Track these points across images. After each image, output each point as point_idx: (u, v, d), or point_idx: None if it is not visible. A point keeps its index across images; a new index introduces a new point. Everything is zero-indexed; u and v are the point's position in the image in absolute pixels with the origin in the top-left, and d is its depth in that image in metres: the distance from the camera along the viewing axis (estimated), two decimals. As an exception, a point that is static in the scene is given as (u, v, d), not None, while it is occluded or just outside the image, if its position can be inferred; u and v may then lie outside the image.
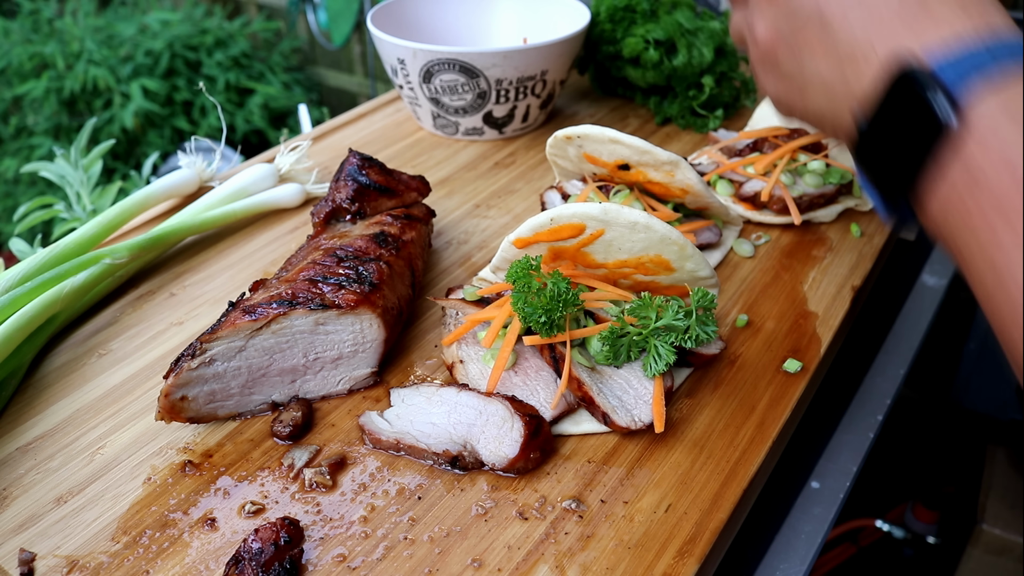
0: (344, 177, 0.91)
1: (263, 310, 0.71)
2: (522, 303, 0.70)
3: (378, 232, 0.84)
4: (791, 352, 0.82)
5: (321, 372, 0.76)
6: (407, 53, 1.15)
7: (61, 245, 0.89)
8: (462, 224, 1.05)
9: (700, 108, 1.27)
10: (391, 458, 0.70)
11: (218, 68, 3.14)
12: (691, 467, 0.69)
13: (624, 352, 0.73)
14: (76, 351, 0.84)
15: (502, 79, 1.16)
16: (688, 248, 0.74)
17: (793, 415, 0.77)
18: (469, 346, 0.78)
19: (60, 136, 3.03)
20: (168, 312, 0.89)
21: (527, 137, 1.27)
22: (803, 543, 0.81)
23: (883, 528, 1.58)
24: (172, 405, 0.70)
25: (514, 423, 0.68)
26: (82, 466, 0.70)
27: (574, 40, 1.20)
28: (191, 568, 0.61)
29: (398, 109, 1.36)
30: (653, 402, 0.71)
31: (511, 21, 1.38)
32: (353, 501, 0.66)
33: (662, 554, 0.62)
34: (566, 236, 0.74)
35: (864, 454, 0.91)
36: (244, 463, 0.70)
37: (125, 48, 3.05)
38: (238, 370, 0.72)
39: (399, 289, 0.80)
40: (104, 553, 0.62)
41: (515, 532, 0.64)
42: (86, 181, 1.22)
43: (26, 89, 2.96)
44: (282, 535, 0.60)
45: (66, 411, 0.76)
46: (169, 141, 3.07)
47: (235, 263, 0.97)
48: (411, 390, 0.75)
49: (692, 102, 1.27)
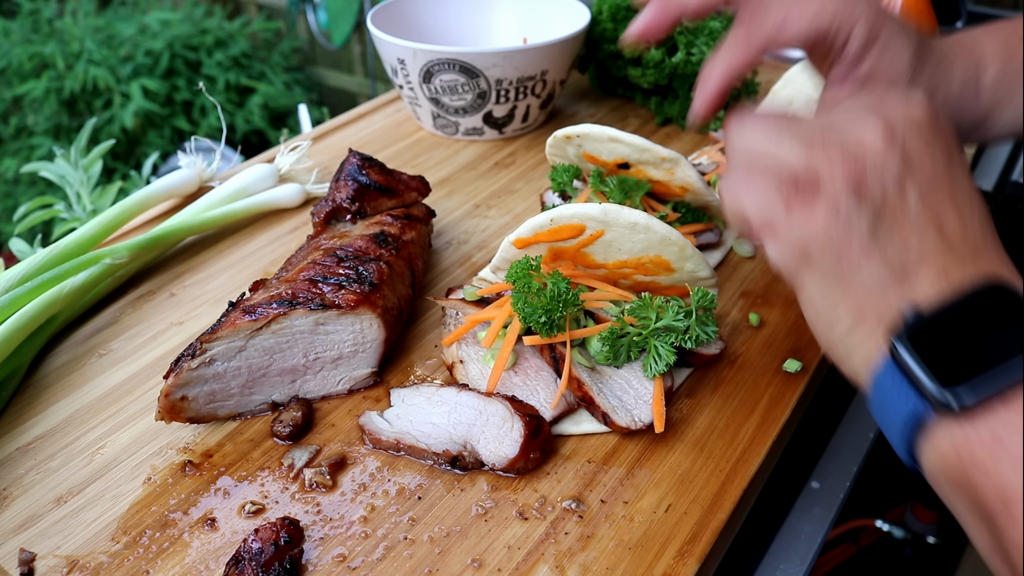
0: (344, 177, 0.91)
1: (263, 310, 0.71)
2: (522, 303, 0.70)
3: (378, 232, 0.84)
4: (791, 352, 0.82)
5: (321, 372, 0.76)
6: (407, 53, 1.15)
7: (61, 245, 0.89)
8: (462, 224, 1.05)
9: (700, 108, 1.27)
10: (391, 458, 0.70)
11: (218, 68, 3.14)
12: (691, 467, 0.69)
13: (624, 352, 0.73)
14: (76, 351, 0.84)
15: (502, 79, 1.16)
16: (688, 248, 0.74)
17: (793, 415, 0.77)
18: (469, 346, 0.78)
19: (60, 136, 3.03)
20: (168, 312, 0.89)
21: (527, 137, 1.27)
22: (803, 543, 0.81)
23: (883, 528, 1.58)
24: (172, 405, 0.70)
25: (514, 423, 0.68)
26: (82, 466, 0.70)
27: (574, 40, 1.20)
28: (191, 568, 0.61)
29: (398, 109, 1.36)
30: (653, 402, 0.71)
31: (511, 21, 1.38)
32: (353, 501, 0.66)
33: (662, 554, 0.62)
34: (566, 236, 0.74)
35: (864, 454, 0.91)
36: (244, 463, 0.70)
37: (125, 48, 3.05)
38: (238, 370, 0.72)
39: (399, 289, 0.80)
40: (104, 553, 0.62)
41: (515, 532, 0.64)
42: (86, 181, 1.22)
43: (26, 89, 2.96)
44: (282, 535, 0.60)
45: (66, 411, 0.76)
46: (169, 141, 3.07)
47: (235, 263, 0.97)
48: (411, 390, 0.75)
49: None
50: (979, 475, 0.44)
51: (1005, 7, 2.18)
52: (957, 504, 0.47)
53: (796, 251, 0.52)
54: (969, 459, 0.44)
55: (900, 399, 0.47)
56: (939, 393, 0.45)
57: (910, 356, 0.46)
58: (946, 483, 0.47)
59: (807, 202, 0.51)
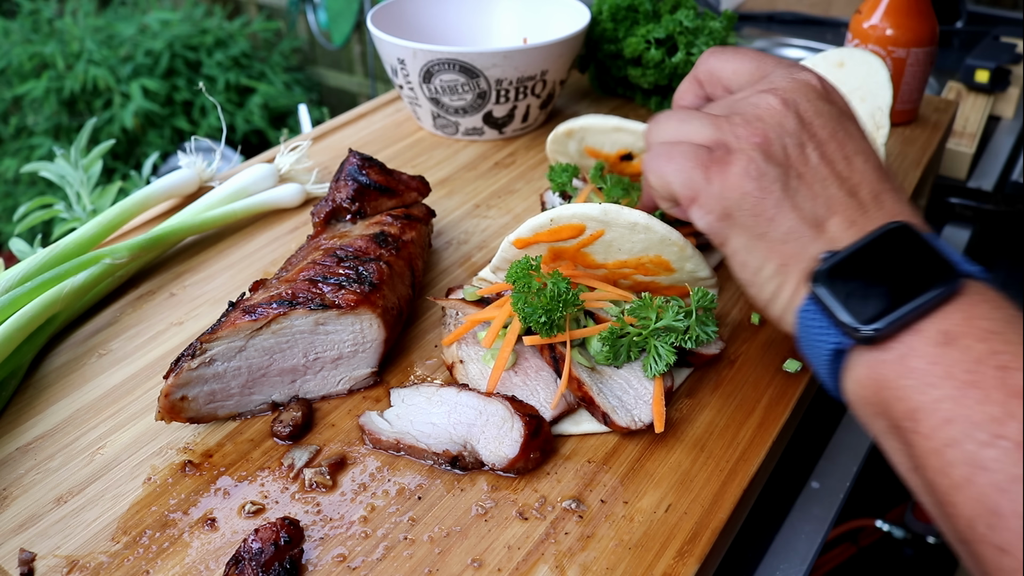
0: (344, 177, 0.91)
1: (263, 310, 0.71)
2: (522, 303, 0.70)
3: (378, 232, 0.84)
4: (791, 352, 0.82)
5: (321, 372, 0.76)
6: (407, 53, 1.15)
7: (61, 245, 0.89)
8: (462, 224, 1.05)
9: (700, 108, 1.28)
10: (391, 458, 0.70)
11: (218, 68, 3.14)
12: (691, 467, 0.69)
13: (624, 352, 0.73)
14: (76, 351, 0.84)
15: (502, 79, 1.16)
16: (688, 249, 0.74)
17: (793, 415, 0.77)
18: (469, 346, 0.78)
19: (60, 136, 3.03)
20: (168, 312, 0.89)
21: (527, 137, 1.27)
22: (803, 543, 0.81)
23: (883, 528, 1.58)
24: (172, 405, 0.70)
25: (514, 423, 0.68)
26: (82, 466, 0.70)
27: (574, 40, 1.20)
28: (191, 568, 0.61)
29: (398, 109, 1.36)
30: (653, 402, 0.71)
31: (511, 21, 1.38)
32: (353, 501, 0.66)
33: (662, 554, 0.62)
34: (566, 236, 0.74)
35: (864, 454, 0.91)
36: (244, 463, 0.70)
37: (125, 48, 3.05)
38: (238, 370, 0.72)
39: (399, 289, 0.80)
40: (104, 553, 0.62)
41: (515, 532, 0.64)
42: (86, 181, 1.22)
43: (26, 89, 2.96)
44: (282, 535, 0.60)
45: (66, 411, 0.76)
46: (169, 141, 3.07)
47: (235, 263, 0.97)
48: (411, 390, 0.75)
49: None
50: (890, 395, 0.49)
51: (1005, 7, 2.18)
52: (875, 426, 0.53)
53: (718, 212, 0.59)
54: (882, 382, 0.50)
55: (822, 334, 0.53)
56: (854, 325, 0.50)
57: (828, 294, 0.52)
58: (864, 407, 0.53)
59: (722, 167, 0.58)
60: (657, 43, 1.23)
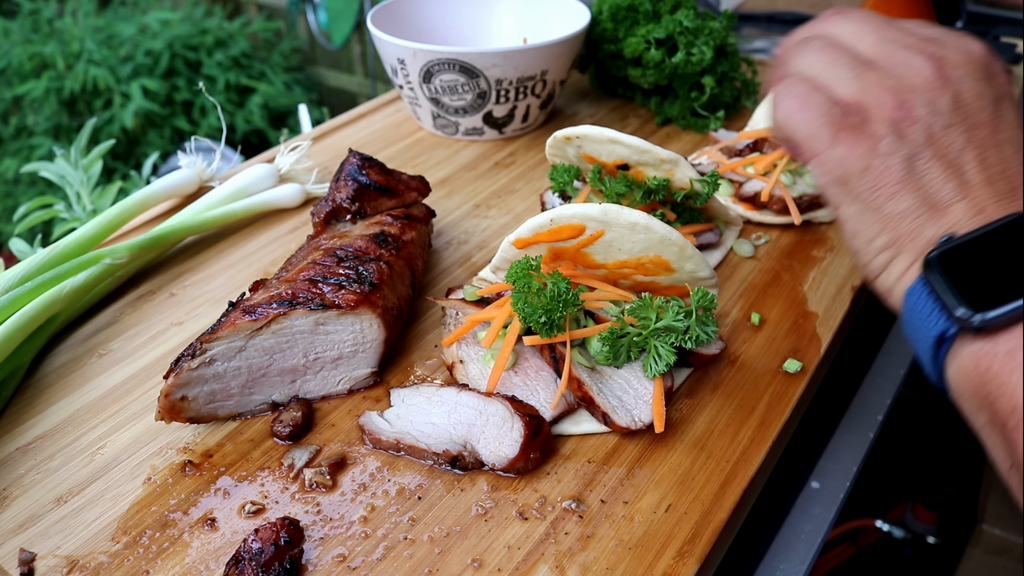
0: (344, 177, 0.91)
1: (263, 310, 0.71)
2: (522, 303, 0.70)
3: (378, 232, 0.84)
4: (791, 352, 0.82)
5: (321, 372, 0.76)
6: (407, 53, 1.15)
7: (61, 245, 0.89)
8: (462, 224, 1.05)
9: (701, 109, 1.27)
10: (391, 458, 0.70)
11: (218, 68, 3.14)
12: (691, 467, 0.69)
13: (624, 352, 0.73)
14: (76, 351, 0.84)
15: (502, 79, 1.16)
16: (688, 249, 0.74)
17: (793, 415, 0.77)
18: (469, 346, 0.78)
19: (60, 136, 3.03)
20: (168, 312, 0.89)
21: (527, 137, 1.27)
22: (803, 543, 0.81)
23: (883, 528, 1.58)
24: (172, 405, 0.70)
25: (514, 423, 0.68)
26: (82, 466, 0.70)
27: (574, 40, 1.20)
28: (191, 568, 0.61)
29: (398, 109, 1.36)
30: (653, 402, 0.71)
31: (511, 21, 1.38)
32: (353, 501, 0.66)
33: (662, 554, 0.62)
34: (566, 237, 0.74)
35: (864, 454, 0.91)
36: (244, 463, 0.70)
37: (125, 48, 3.05)
38: (238, 370, 0.72)
39: (399, 289, 0.80)
40: (104, 553, 0.62)
41: (515, 532, 0.64)
42: (86, 181, 1.22)
43: (26, 89, 2.96)
44: (282, 535, 0.60)
45: (66, 411, 0.76)
46: (169, 141, 3.07)
47: (235, 263, 0.97)
48: (411, 390, 0.75)
49: (693, 103, 1.27)
50: (995, 389, 0.48)
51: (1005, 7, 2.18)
52: (976, 419, 0.51)
53: (835, 175, 0.56)
54: (988, 374, 0.48)
55: (929, 318, 0.51)
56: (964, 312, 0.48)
57: (941, 279, 0.50)
58: (967, 398, 0.51)
59: (852, 133, 0.55)
60: (657, 43, 1.23)
